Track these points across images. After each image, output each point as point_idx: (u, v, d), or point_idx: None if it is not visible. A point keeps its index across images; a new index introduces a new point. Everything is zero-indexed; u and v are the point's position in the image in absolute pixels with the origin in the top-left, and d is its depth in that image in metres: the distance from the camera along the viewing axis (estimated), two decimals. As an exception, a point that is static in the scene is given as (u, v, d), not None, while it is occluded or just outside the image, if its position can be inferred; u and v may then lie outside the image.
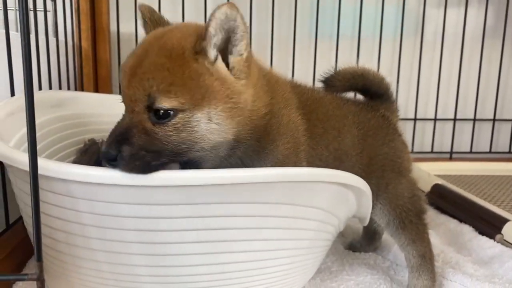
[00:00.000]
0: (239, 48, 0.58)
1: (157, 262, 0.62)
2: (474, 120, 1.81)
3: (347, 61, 1.69)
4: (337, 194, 0.74)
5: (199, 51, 0.56)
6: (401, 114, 1.76)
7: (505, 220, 1.07)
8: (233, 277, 0.69)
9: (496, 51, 1.78)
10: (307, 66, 1.68)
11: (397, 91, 1.72)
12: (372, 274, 0.91)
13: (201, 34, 0.56)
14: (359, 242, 1.04)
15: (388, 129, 0.88)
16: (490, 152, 1.85)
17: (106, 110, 1.29)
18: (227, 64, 0.59)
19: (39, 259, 0.50)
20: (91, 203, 0.58)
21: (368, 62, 1.72)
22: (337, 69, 0.93)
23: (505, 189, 1.45)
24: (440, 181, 1.37)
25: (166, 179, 0.56)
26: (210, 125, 0.57)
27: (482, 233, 1.09)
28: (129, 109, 0.57)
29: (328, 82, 0.91)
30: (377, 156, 0.82)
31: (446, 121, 1.81)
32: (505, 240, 1.03)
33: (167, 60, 0.55)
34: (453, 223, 1.17)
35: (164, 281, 0.63)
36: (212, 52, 0.57)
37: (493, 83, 1.80)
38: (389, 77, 1.73)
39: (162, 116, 0.55)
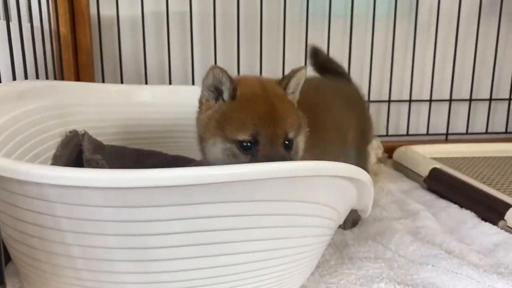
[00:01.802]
0: (298, 93, 0.81)
1: (143, 269, 0.56)
2: (470, 100, 1.76)
3: (339, 42, 1.64)
4: (336, 187, 0.68)
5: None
6: (396, 95, 1.73)
7: (508, 206, 1.03)
8: (228, 280, 0.63)
9: (492, 29, 1.72)
10: (298, 48, 1.61)
11: (391, 72, 1.67)
12: (374, 268, 0.86)
13: (281, 84, 0.78)
14: None
15: (363, 103, 1.12)
16: (486, 132, 1.81)
17: (89, 99, 1.23)
18: None
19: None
20: (68, 207, 0.52)
21: (361, 43, 1.67)
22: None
23: (503, 172, 1.41)
24: (438, 165, 1.33)
25: (147, 179, 0.50)
26: (302, 145, 0.79)
27: (484, 219, 1.05)
28: (271, 144, 0.71)
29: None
30: (357, 125, 1.00)
31: (441, 102, 1.76)
32: (508, 226, 0.99)
33: (286, 105, 0.75)
34: (453, 209, 1.13)
35: (152, 288, 0.58)
36: (290, 96, 0.79)
37: (489, 62, 1.76)
38: (383, 58, 1.69)
39: (289, 146, 0.74)
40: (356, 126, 1.02)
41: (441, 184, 1.25)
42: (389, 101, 1.70)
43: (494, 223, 1.02)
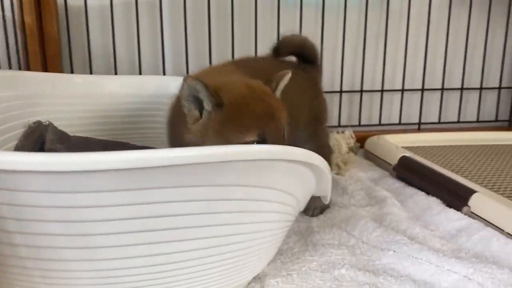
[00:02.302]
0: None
1: (89, 256, 0.55)
2: (442, 89, 1.77)
3: (312, 31, 1.64)
4: (293, 173, 0.68)
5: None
6: (368, 85, 1.73)
7: (472, 191, 1.04)
8: (183, 266, 0.63)
9: (463, 19, 1.74)
10: (270, 37, 1.60)
11: (363, 62, 1.67)
12: (336, 254, 0.86)
13: (271, 85, 0.81)
14: None
15: (316, 87, 1.13)
16: (458, 122, 1.83)
17: (53, 90, 1.21)
18: None
19: None
20: (7, 192, 0.51)
21: (333, 33, 1.66)
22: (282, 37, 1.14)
23: (472, 159, 1.42)
24: (407, 153, 1.34)
25: (84, 163, 0.49)
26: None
27: (449, 205, 1.06)
28: (276, 137, 0.74)
29: (276, 50, 1.12)
30: (310, 108, 1.04)
31: (413, 91, 1.77)
32: (472, 212, 1.00)
33: (277, 102, 0.78)
34: (420, 196, 1.14)
35: (100, 275, 0.57)
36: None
37: (460, 52, 1.77)
38: (356, 47, 1.69)
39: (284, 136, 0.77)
40: (309, 109, 1.07)
41: (409, 172, 1.25)
42: (362, 91, 1.70)
43: (459, 209, 1.03)
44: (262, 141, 0.73)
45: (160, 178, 0.53)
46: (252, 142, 0.72)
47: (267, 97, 0.76)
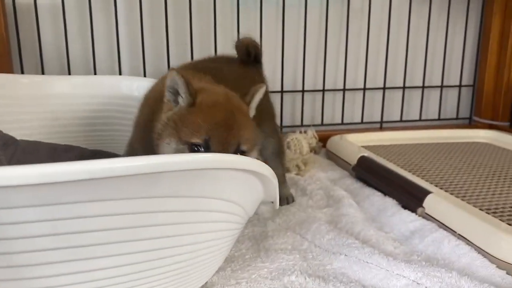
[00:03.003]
0: (253, 111, 0.84)
1: (11, 275, 0.51)
2: (404, 88, 1.78)
3: (272, 30, 1.62)
4: (238, 181, 0.66)
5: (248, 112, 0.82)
6: (330, 85, 1.72)
7: (427, 192, 1.04)
8: (118, 282, 0.59)
9: (424, 18, 1.75)
10: (230, 36, 1.57)
11: (325, 61, 1.66)
12: (287, 260, 0.84)
13: (245, 100, 0.82)
14: None
15: (265, 84, 1.13)
16: (420, 120, 1.84)
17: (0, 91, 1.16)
18: None
19: None
20: None
21: (294, 31, 1.65)
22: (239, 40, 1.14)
23: (432, 158, 1.43)
24: (366, 153, 1.33)
25: (5, 178, 0.46)
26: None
27: (405, 206, 1.06)
28: (221, 149, 0.73)
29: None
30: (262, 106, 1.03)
31: (375, 90, 1.77)
32: (426, 213, 1.00)
33: (245, 119, 0.78)
34: (377, 197, 1.13)
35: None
36: (252, 112, 0.83)
37: (421, 50, 1.78)
38: (317, 46, 1.68)
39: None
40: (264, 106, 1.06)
41: (367, 172, 1.25)
42: (324, 90, 1.70)
43: (414, 210, 1.03)
44: (205, 147, 0.72)
45: (79, 192, 0.49)
46: (197, 145, 0.72)
47: (236, 110, 0.77)
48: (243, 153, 0.76)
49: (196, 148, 0.72)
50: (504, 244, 0.81)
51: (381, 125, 1.79)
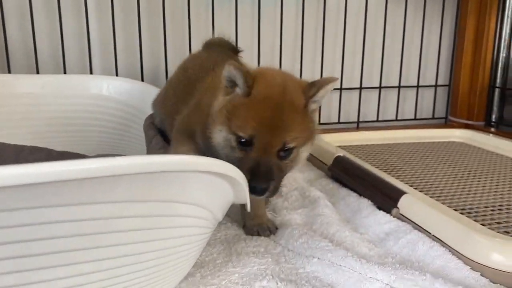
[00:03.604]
0: (320, 102, 0.81)
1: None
2: (380, 88, 1.78)
3: (248, 29, 1.59)
4: (204, 185, 0.63)
5: (307, 105, 0.78)
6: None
7: (401, 193, 1.02)
8: (75, 291, 0.56)
9: (400, 17, 1.75)
10: (205, 36, 1.54)
11: (301, 61, 1.64)
12: (260, 264, 0.82)
13: (306, 93, 0.77)
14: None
15: None
16: (396, 119, 1.84)
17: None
18: None
19: None
20: None
21: (270, 30, 1.63)
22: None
23: (407, 158, 1.43)
24: (341, 153, 1.32)
25: None
26: (306, 154, 0.81)
27: (380, 207, 1.04)
28: (264, 150, 0.74)
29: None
30: None
31: (352, 90, 1.76)
32: (401, 214, 0.99)
33: (295, 116, 0.75)
34: (352, 198, 1.12)
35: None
36: (313, 106, 0.79)
37: (397, 50, 1.78)
38: (294, 45, 1.66)
39: (286, 154, 0.76)
40: None
41: (343, 172, 1.24)
42: (300, 89, 1.68)
43: (389, 211, 1.01)
44: (250, 143, 0.74)
45: (27, 198, 0.46)
46: (243, 139, 0.74)
47: (288, 106, 0.74)
48: (289, 149, 0.75)
49: (243, 141, 0.74)
50: (478, 245, 0.80)
51: (358, 125, 1.78)
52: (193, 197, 0.62)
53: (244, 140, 0.74)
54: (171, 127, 0.96)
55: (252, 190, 0.71)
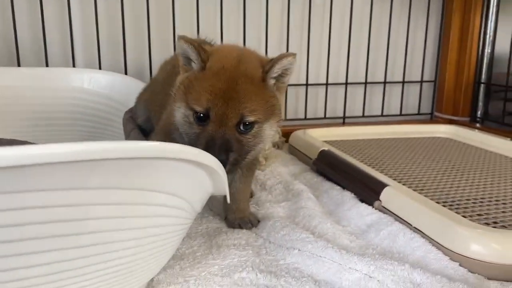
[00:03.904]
0: (286, 80, 0.81)
1: None
2: (366, 83, 1.78)
3: (234, 24, 1.59)
4: (182, 173, 0.62)
5: (265, 79, 0.77)
6: (293, 80, 1.71)
7: (383, 185, 1.02)
8: (48, 281, 0.55)
9: (385, 13, 1.75)
10: (189, 29, 1.53)
11: (287, 55, 1.64)
12: (240, 256, 0.81)
13: (264, 67, 0.76)
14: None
15: None
16: (382, 115, 1.85)
17: None
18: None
19: None
20: None
21: (256, 26, 1.62)
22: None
23: (392, 152, 1.43)
24: (326, 147, 1.32)
25: None
26: (270, 132, 0.80)
27: (363, 200, 1.04)
28: (220, 123, 0.73)
29: None
30: None
31: (338, 85, 1.76)
32: (383, 206, 0.99)
33: (252, 87, 0.73)
34: (336, 191, 1.12)
35: None
36: (272, 81, 0.78)
37: (383, 46, 1.78)
38: (279, 41, 1.65)
39: (246, 128, 0.75)
40: None
41: (327, 166, 1.23)
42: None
43: (371, 203, 1.01)
44: (206, 116, 0.74)
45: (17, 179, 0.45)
46: (200, 113, 0.74)
47: (242, 78, 0.74)
48: (249, 123, 0.74)
49: (200, 115, 0.74)
50: (457, 236, 0.80)
51: (344, 121, 1.78)
52: (168, 186, 0.61)
53: (201, 114, 0.74)
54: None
55: None
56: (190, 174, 0.63)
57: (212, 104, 0.72)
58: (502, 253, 0.77)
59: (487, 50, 1.82)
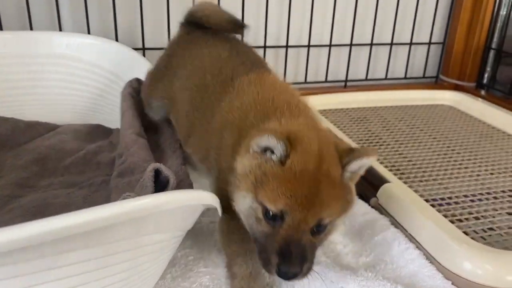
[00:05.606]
0: (360, 173, 0.72)
1: None
2: (371, 45, 1.69)
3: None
4: (186, 214, 0.60)
5: (342, 174, 0.68)
6: (294, 40, 1.62)
7: (383, 181, 1.00)
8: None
9: (397, -32, 1.62)
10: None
11: (289, 15, 1.54)
12: (232, 263, 0.81)
13: (342, 161, 0.68)
14: None
15: None
16: (386, 78, 1.78)
17: None
18: None
19: None
20: None
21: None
22: None
23: (393, 127, 1.40)
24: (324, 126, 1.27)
25: None
26: (341, 225, 0.79)
27: (359, 195, 1.02)
28: (296, 228, 0.64)
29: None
30: None
31: (342, 47, 1.67)
32: (379, 204, 0.97)
33: (333, 191, 0.66)
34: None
35: None
36: (348, 174, 0.69)
37: (392, 5, 1.67)
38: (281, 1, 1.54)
39: (320, 229, 0.66)
40: None
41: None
42: (287, 46, 1.59)
43: (367, 200, 0.99)
44: (280, 217, 0.64)
45: None
46: (271, 212, 0.64)
47: (325, 180, 0.65)
48: (323, 225, 0.66)
49: (270, 214, 0.64)
50: (450, 252, 0.79)
51: (346, 84, 1.72)
52: (171, 226, 0.59)
53: (273, 213, 0.64)
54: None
55: (283, 275, 0.63)
56: (191, 211, 0.61)
57: (290, 208, 0.63)
58: (494, 275, 0.76)
59: (502, 11, 1.71)
